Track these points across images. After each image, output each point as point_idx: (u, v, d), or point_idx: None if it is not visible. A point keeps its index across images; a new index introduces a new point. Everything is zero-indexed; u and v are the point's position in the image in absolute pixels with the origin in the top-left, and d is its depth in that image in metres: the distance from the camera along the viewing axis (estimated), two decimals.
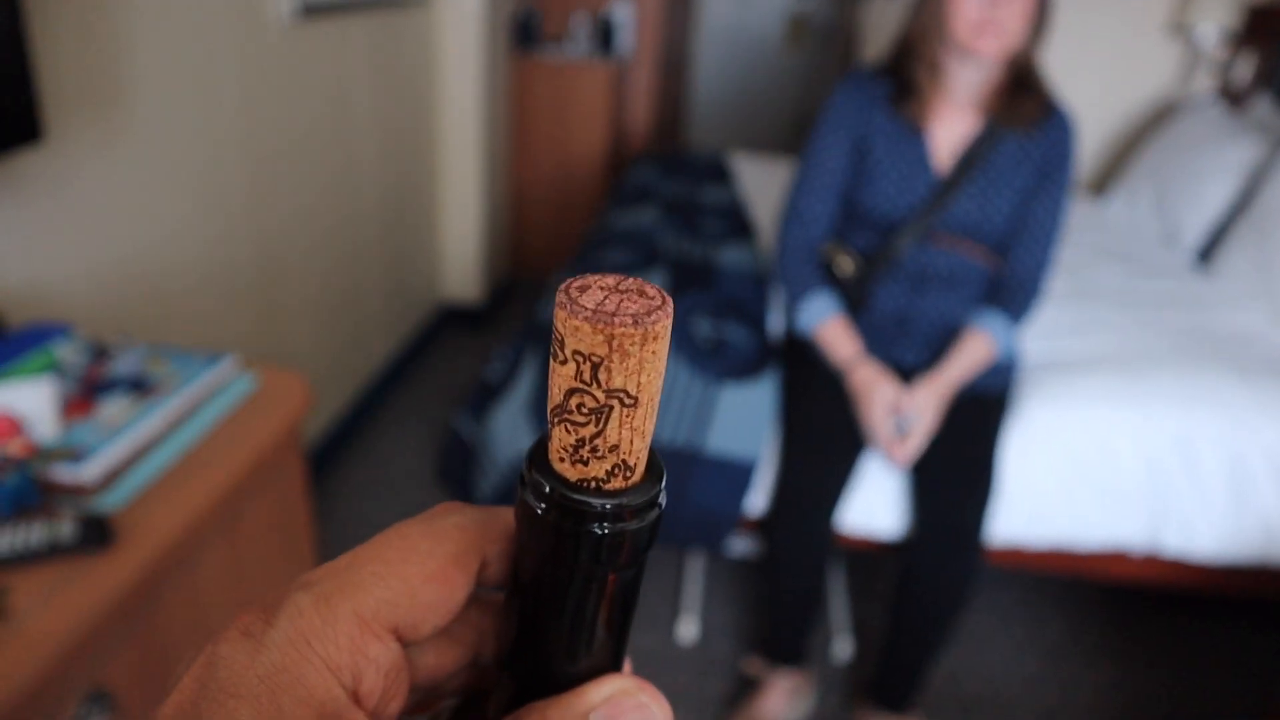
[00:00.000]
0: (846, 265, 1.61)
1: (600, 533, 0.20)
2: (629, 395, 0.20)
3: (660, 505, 0.21)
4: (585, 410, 0.20)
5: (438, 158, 2.93)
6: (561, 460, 0.20)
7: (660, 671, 1.79)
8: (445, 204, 3.02)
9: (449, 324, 3.17)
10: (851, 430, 1.56)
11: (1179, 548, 1.62)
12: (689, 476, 1.60)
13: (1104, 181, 3.19)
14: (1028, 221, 1.55)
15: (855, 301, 1.61)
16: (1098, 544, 1.65)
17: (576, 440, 0.20)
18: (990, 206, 1.53)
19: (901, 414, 1.51)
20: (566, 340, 0.19)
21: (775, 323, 1.80)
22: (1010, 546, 1.69)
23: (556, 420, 0.20)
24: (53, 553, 0.82)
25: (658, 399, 0.21)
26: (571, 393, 0.20)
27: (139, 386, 1.06)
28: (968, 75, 1.49)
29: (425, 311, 2.99)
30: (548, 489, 0.20)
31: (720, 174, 2.69)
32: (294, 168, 1.94)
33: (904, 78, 1.54)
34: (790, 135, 5.10)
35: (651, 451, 0.22)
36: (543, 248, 3.58)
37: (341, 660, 0.20)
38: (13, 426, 0.84)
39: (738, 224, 2.21)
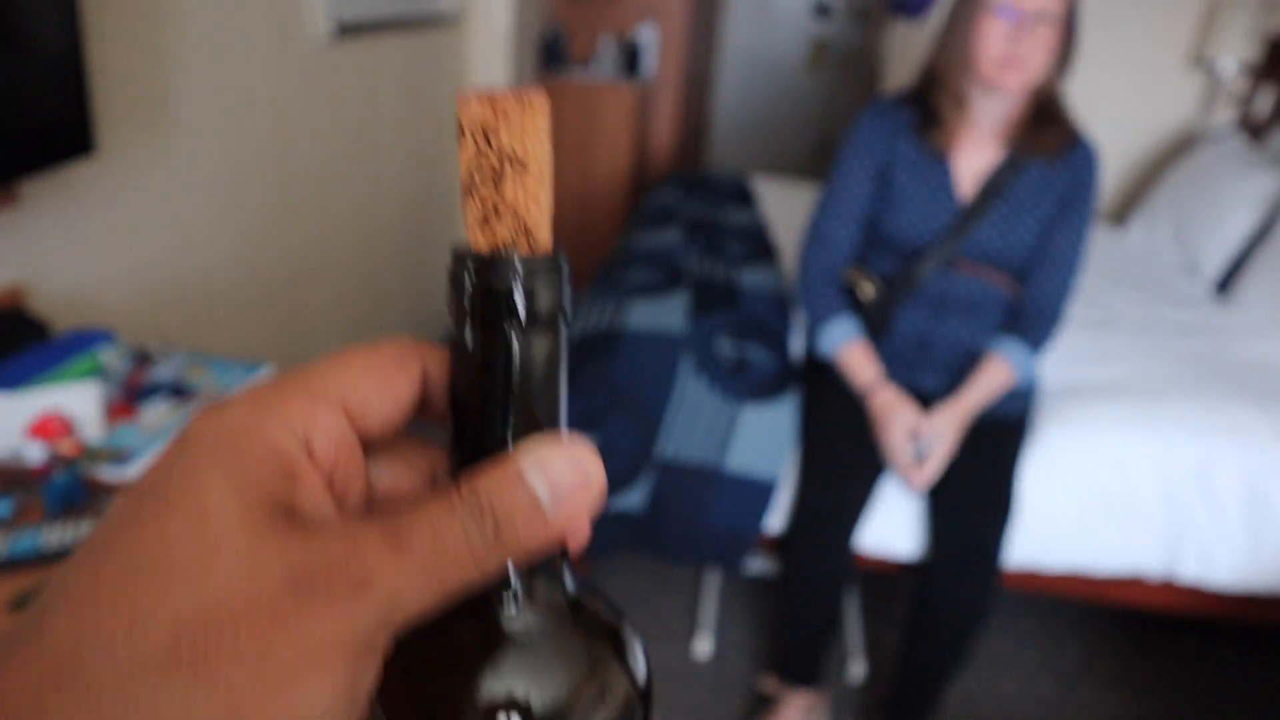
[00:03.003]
0: (868, 290, 1.63)
1: (509, 284, 0.23)
2: (517, 158, 0.23)
3: (563, 269, 0.24)
4: (484, 176, 0.23)
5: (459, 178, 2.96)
6: (475, 233, 0.24)
7: (676, 688, 1.81)
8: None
9: None
10: (871, 453, 1.58)
11: (1196, 575, 1.63)
12: (709, 494, 1.62)
13: (1124, 211, 3.20)
14: (1049, 249, 1.56)
15: (876, 326, 1.63)
16: (1114, 570, 1.65)
17: (481, 208, 0.23)
18: (1012, 234, 1.55)
19: (920, 439, 1.53)
20: (463, 120, 0.23)
21: (797, 344, 1.82)
22: (1027, 570, 1.70)
23: (465, 196, 0.23)
24: None
25: (548, 176, 0.24)
26: (472, 166, 0.23)
27: (179, 392, 1.09)
28: (991, 106, 1.51)
29: (447, 324, 3.02)
30: (464, 256, 0.23)
31: (742, 196, 2.71)
32: (323, 180, 1.99)
33: (929, 106, 1.57)
34: (811, 159, 5.13)
35: (556, 242, 0.25)
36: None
37: (295, 422, 0.21)
38: (65, 426, 0.87)
39: (760, 246, 2.24)
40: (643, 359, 1.68)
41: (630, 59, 3.56)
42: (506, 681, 0.23)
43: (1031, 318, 1.59)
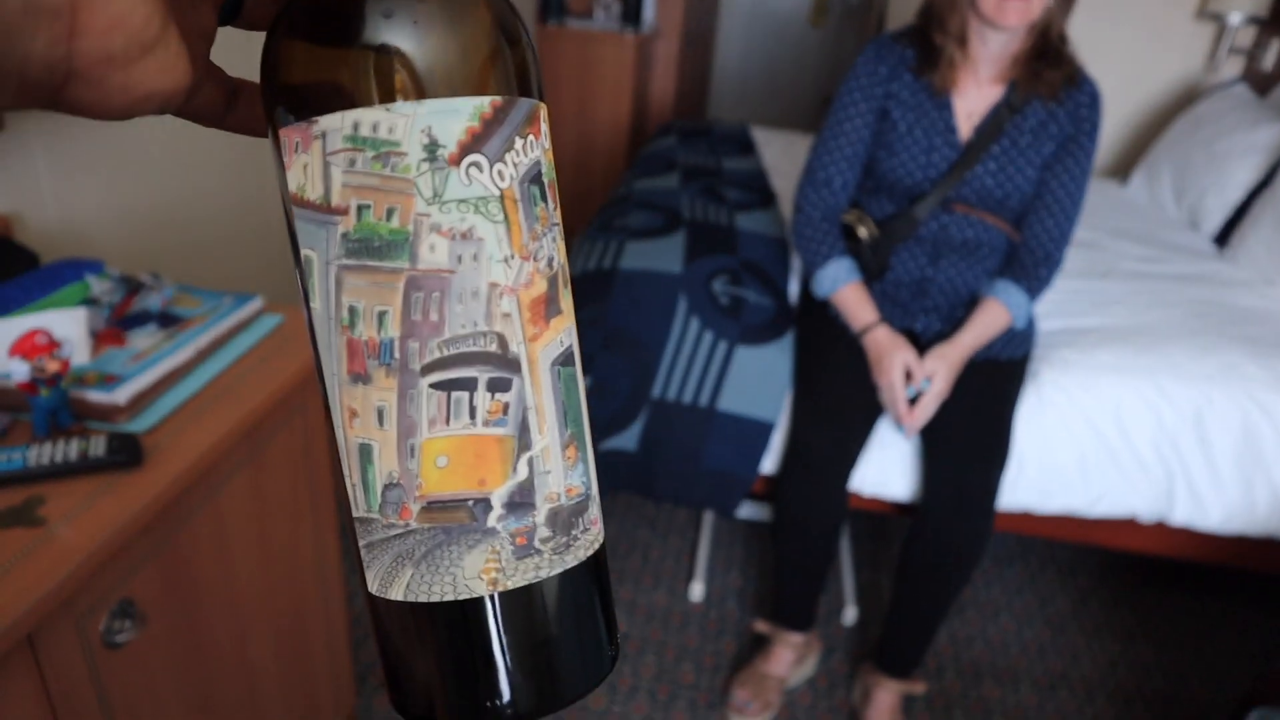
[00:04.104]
0: (866, 232, 1.62)
1: None
2: None
3: None
4: None
5: None
6: None
7: (670, 630, 1.82)
8: None
9: None
10: (867, 395, 1.58)
11: (1188, 518, 1.64)
12: (704, 436, 1.62)
13: (1125, 166, 3.17)
14: (1048, 192, 1.55)
15: (873, 269, 1.62)
16: (1108, 513, 1.66)
17: None
18: (1011, 176, 1.53)
19: (914, 380, 1.52)
20: None
21: (795, 288, 1.81)
22: (1020, 512, 1.71)
23: None
24: (85, 468, 0.84)
25: None
26: None
27: (169, 321, 1.09)
28: (992, 44, 1.49)
29: None
30: None
31: (743, 146, 2.69)
32: None
33: (929, 45, 1.54)
34: (813, 113, 5.08)
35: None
36: (564, 216, 3.59)
37: None
38: (51, 344, 0.87)
39: (760, 193, 2.22)
40: (639, 299, 1.67)
41: (630, 10, 3.51)
42: None
43: (1029, 261, 1.57)
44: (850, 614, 1.89)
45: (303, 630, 1.24)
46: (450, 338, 0.25)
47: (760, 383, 1.63)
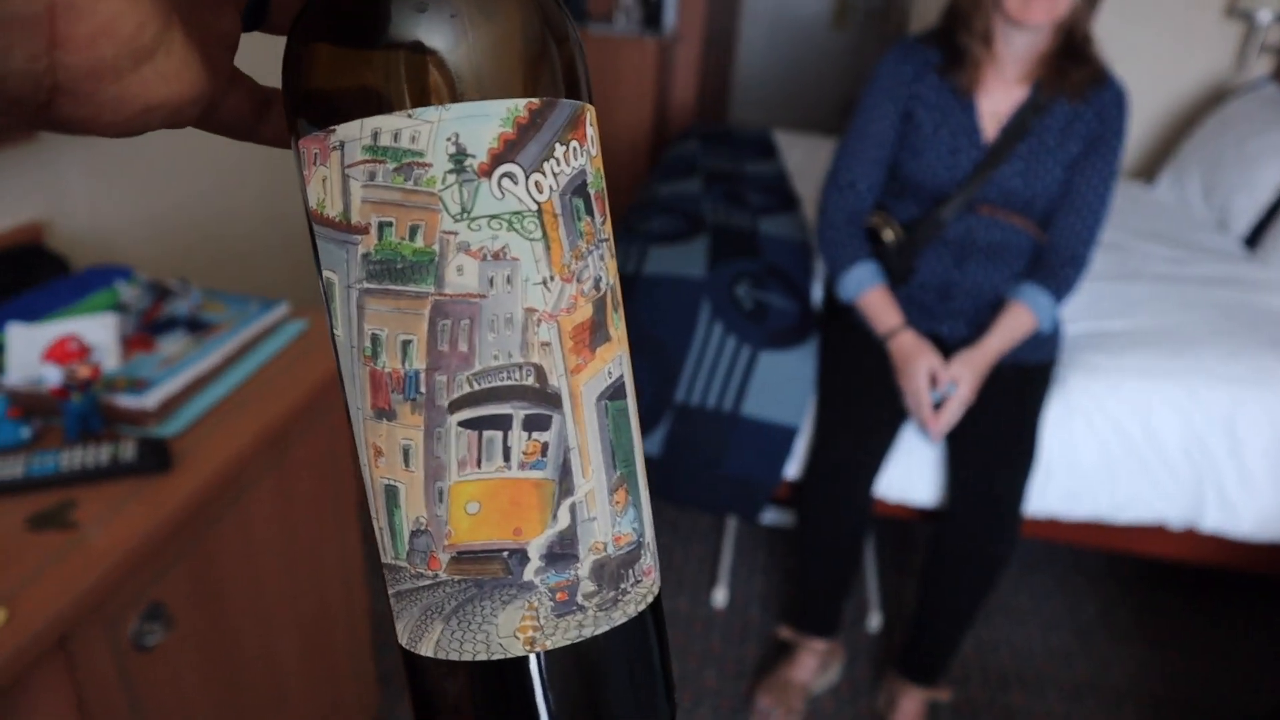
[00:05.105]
0: (890, 235, 1.61)
1: None
2: None
3: None
4: None
5: None
6: None
7: (693, 636, 1.82)
8: None
9: None
10: (891, 400, 1.57)
11: (1218, 524, 1.61)
12: (727, 441, 1.62)
13: (1152, 167, 3.14)
14: (1074, 193, 1.53)
15: (897, 272, 1.61)
16: (1137, 519, 1.64)
17: None
18: (1036, 177, 1.52)
19: (939, 385, 1.51)
20: None
21: (819, 292, 1.81)
22: (1048, 518, 1.69)
23: None
24: (115, 472, 0.85)
25: None
26: None
27: (196, 326, 1.10)
28: (1018, 43, 1.47)
29: None
30: None
31: (765, 150, 2.68)
32: None
33: (953, 45, 1.53)
34: (835, 117, 5.06)
35: None
36: None
37: None
38: (82, 350, 0.88)
39: (783, 197, 2.21)
40: (662, 303, 1.67)
41: (652, 14, 3.51)
42: None
43: (1055, 263, 1.56)
44: (874, 620, 1.87)
45: (327, 631, 1.25)
46: (481, 370, 0.23)
47: (784, 388, 1.63)
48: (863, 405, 1.57)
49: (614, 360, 0.25)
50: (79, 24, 0.19)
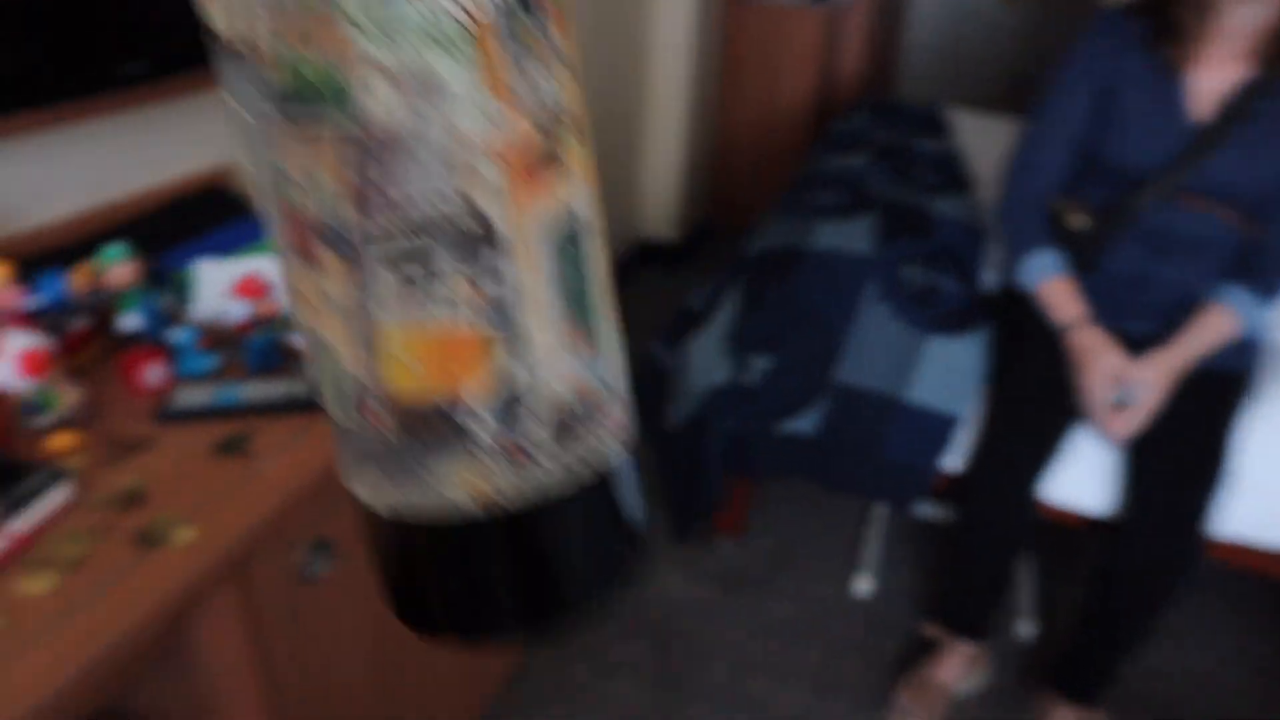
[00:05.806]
0: (1078, 221, 1.49)
1: None
2: None
3: None
4: None
5: (645, 97, 2.94)
6: None
7: (833, 622, 1.77)
8: (649, 143, 3.04)
9: (645, 260, 3.21)
10: (1065, 397, 1.46)
11: None
12: (886, 425, 1.55)
13: None
14: None
15: (1085, 262, 1.49)
16: None
17: None
18: (1255, 165, 1.37)
19: (1125, 386, 1.39)
20: None
21: (989, 278, 1.70)
22: (1238, 542, 1.54)
23: None
24: (290, 407, 0.88)
25: None
26: None
27: None
28: (1243, 15, 1.33)
29: (622, 246, 3.04)
30: None
31: (935, 126, 2.56)
32: None
33: (1164, 16, 1.40)
34: (1006, 93, 4.80)
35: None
36: (743, 192, 3.54)
37: None
38: (262, 287, 0.90)
39: (953, 175, 2.10)
40: (825, 280, 1.61)
41: None
42: None
43: (1265, 262, 1.41)
44: (1025, 628, 1.77)
45: None
46: (407, 208, 0.20)
47: (948, 375, 1.54)
48: (1036, 398, 1.47)
49: (568, 194, 0.22)
50: None
